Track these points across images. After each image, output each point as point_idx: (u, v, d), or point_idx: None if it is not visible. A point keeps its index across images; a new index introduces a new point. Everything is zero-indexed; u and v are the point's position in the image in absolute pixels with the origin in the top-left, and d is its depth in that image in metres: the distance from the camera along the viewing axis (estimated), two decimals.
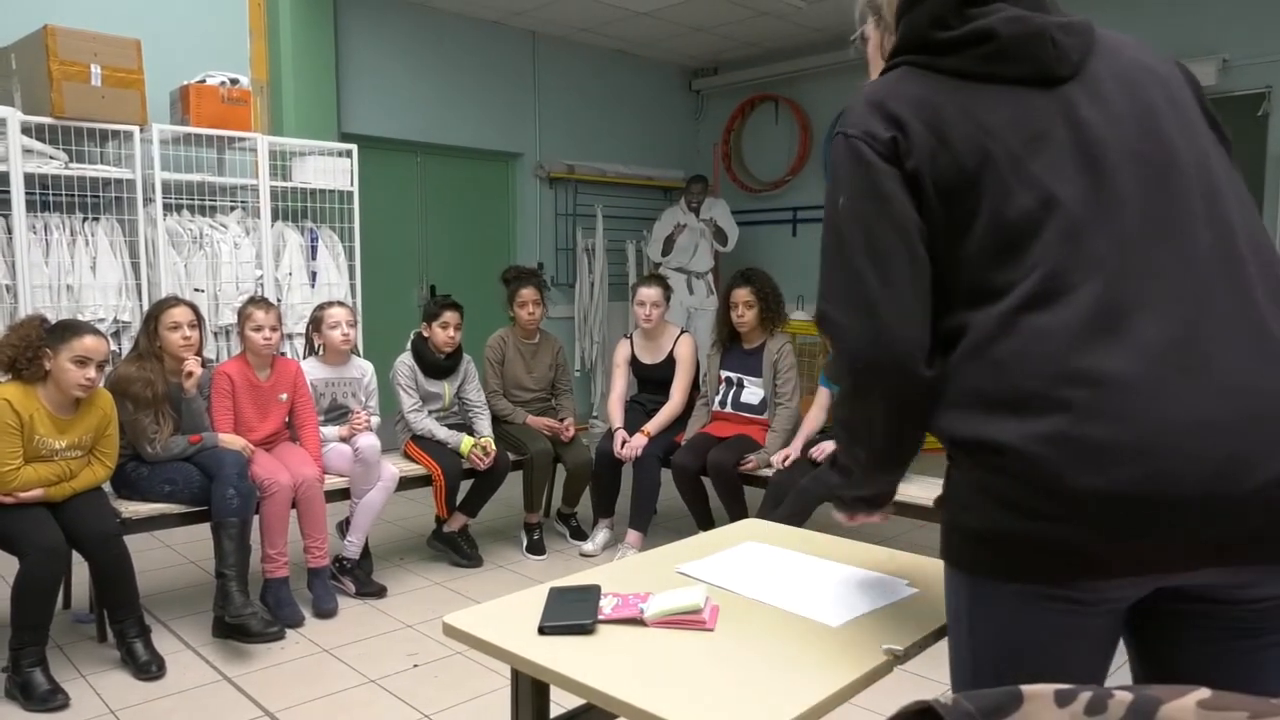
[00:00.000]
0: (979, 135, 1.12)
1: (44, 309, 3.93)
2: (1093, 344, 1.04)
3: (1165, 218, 1.09)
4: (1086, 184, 1.10)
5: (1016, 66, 1.14)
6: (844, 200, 1.20)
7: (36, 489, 2.77)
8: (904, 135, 1.15)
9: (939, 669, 2.90)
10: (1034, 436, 1.04)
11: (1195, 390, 1.02)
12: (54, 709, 2.62)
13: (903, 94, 1.17)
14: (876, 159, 1.16)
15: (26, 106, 4.13)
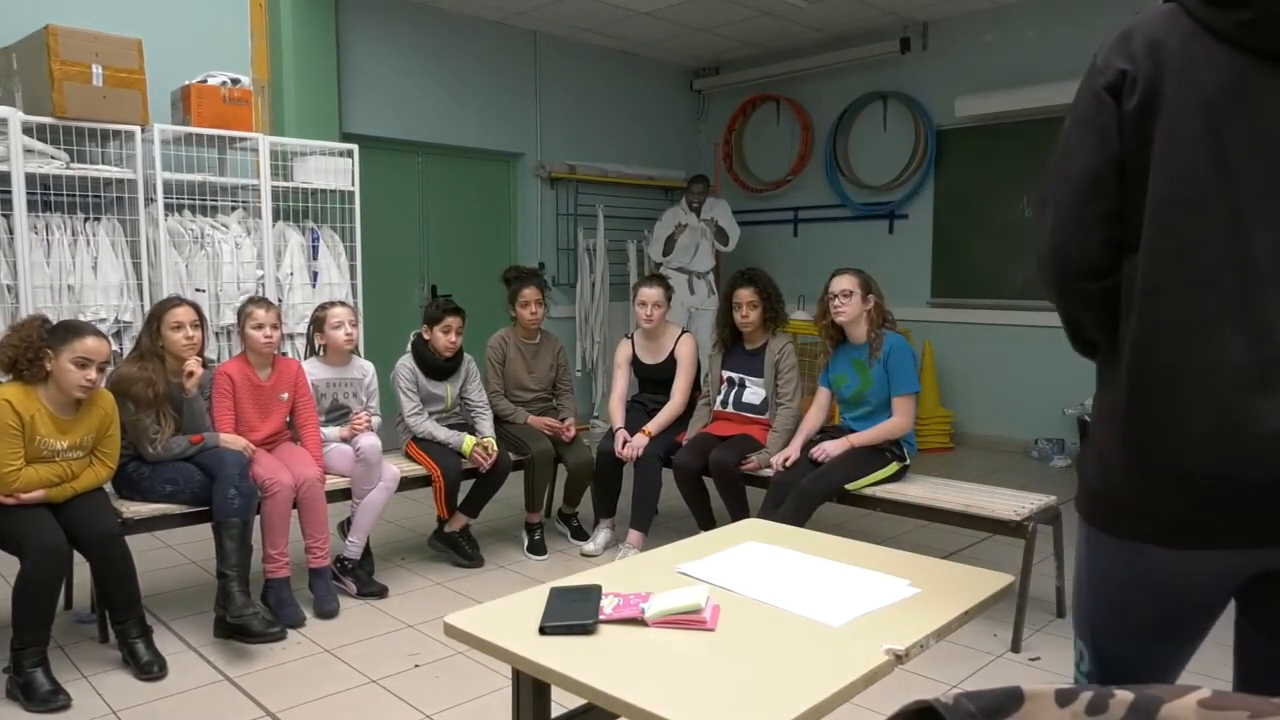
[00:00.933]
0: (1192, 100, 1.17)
1: (45, 309, 3.93)
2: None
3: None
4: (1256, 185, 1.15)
5: (1260, 40, 1.15)
6: (1067, 124, 1.30)
7: (38, 490, 2.77)
8: (1133, 72, 1.21)
9: (940, 668, 2.91)
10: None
11: None
12: (55, 709, 2.62)
13: (1153, 32, 1.22)
14: (1103, 91, 1.24)
15: (28, 106, 4.13)
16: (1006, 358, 6.47)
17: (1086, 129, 1.26)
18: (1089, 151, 1.24)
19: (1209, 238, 1.15)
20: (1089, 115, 1.26)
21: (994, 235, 6.45)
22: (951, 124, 6.55)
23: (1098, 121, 1.24)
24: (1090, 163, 1.24)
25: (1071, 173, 1.26)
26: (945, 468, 5.45)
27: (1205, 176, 1.16)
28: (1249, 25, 1.16)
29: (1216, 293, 1.14)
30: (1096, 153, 1.24)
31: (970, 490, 3.51)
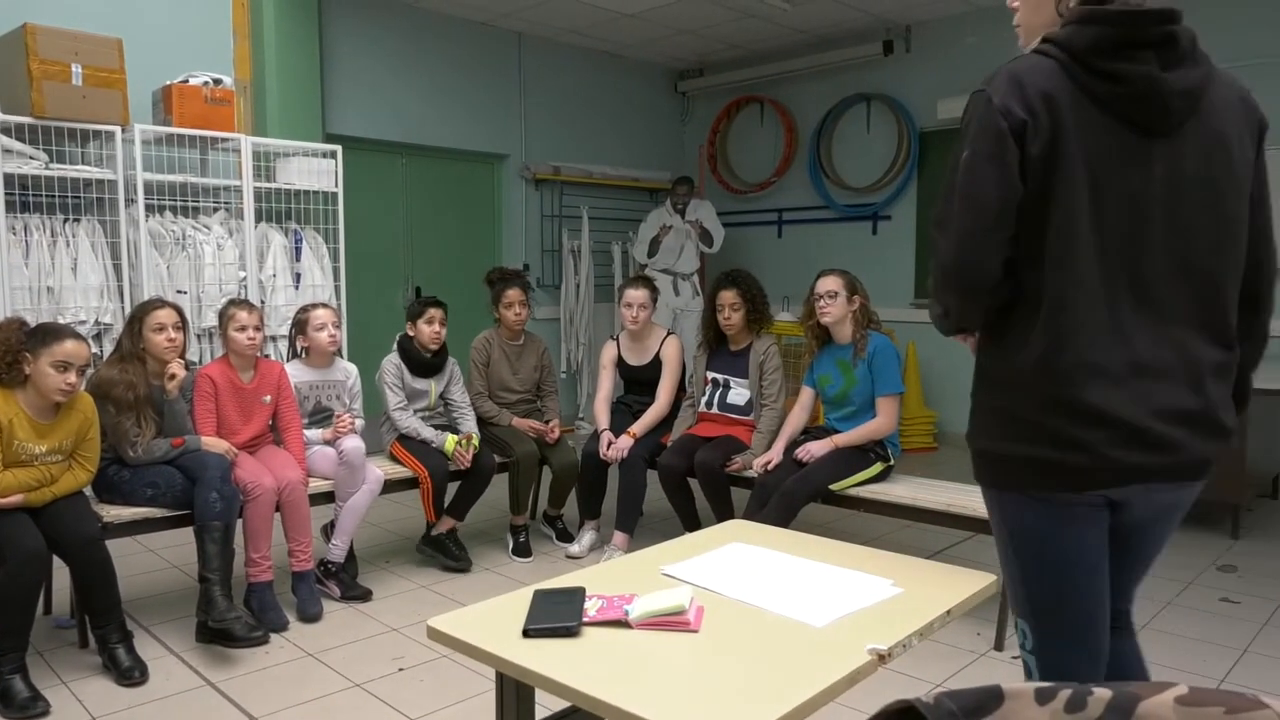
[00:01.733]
0: (1079, 151, 1.43)
1: (23, 311, 3.89)
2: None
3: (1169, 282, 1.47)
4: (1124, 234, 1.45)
5: (1133, 111, 1.43)
6: (969, 154, 1.47)
7: (16, 494, 2.74)
8: (1044, 122, 1.42)
9: (923, 667, 2.92)
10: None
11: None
12: (34, 716, 2.59)
13: (1042, 85, 1.43)
14: (1011, 135, 1.43)
15: (6, 106, 4.09)
16: None
17: (993, 163, 1.44)
18: (997, 184, 1.44)
19: (1092, 270, 1.44)
20: (995, 151, 1.44)
21: None
22: (934, 125, 6.59)
23: (1004, 159, 1.44)
24: (998, 194, 1.45)
25: (980, 202, 1.46)
26: (929, 468, 5.47)
27: (1090, 221, 1.44)
28: (1124, 99, 1.43)
29: (1099, 310, 1.45)
30: (1003, 186, 1.44)
31: (954, 490, 3.53)
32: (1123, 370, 1.44)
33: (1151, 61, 1.42)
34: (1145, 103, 1.43)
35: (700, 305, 6.86)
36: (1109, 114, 1.43)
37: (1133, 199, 1.45)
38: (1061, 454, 1.45)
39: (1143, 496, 1.50)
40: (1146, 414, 1.44)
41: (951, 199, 1.49)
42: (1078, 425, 1.44)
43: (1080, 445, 1.44)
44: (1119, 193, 1.44)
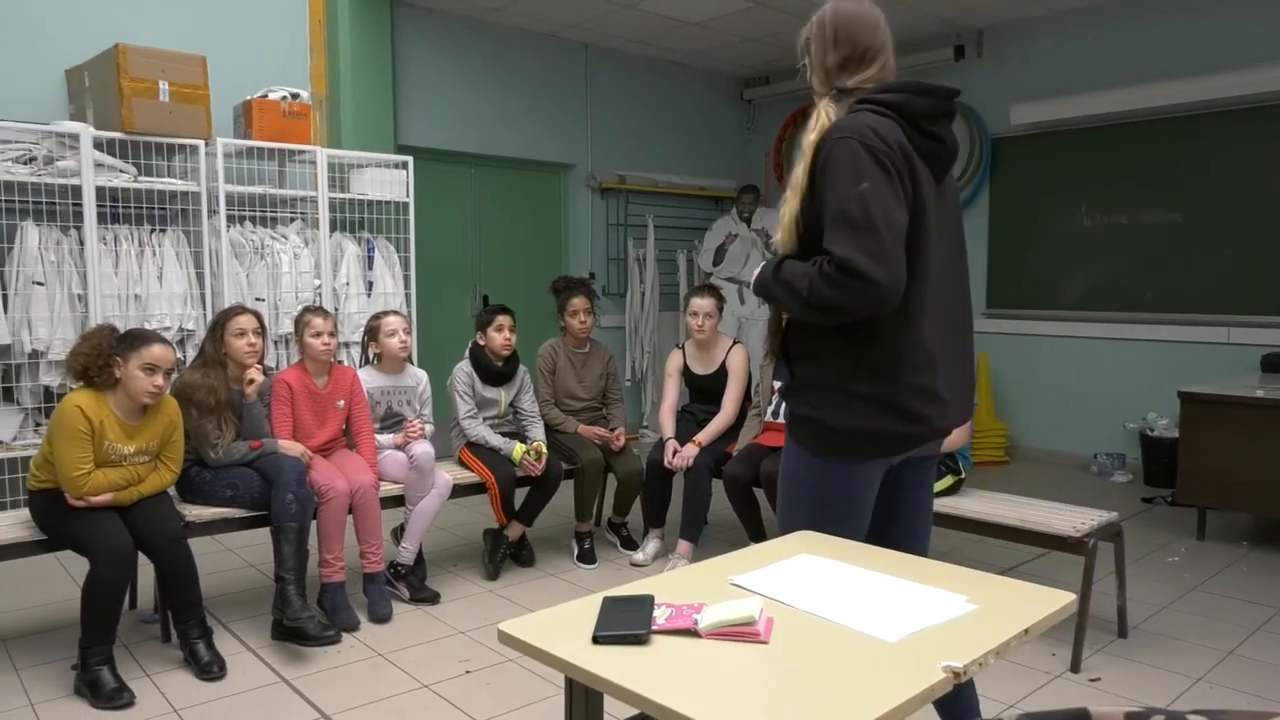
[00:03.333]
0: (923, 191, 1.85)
1: (113, 318, 4.06)
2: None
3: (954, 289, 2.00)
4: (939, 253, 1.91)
5: (939, 165, 1.91)
6: (868, 187, 1.76)
7: (106, 493, 2.85)
8: (904, 165, 1.81)
9: (996, 687, 2.85)
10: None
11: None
12: (120, 707, 2.70)
13: (895, 137, 1.82)
14: (894, 171, 1.79)
15: (98, 122, 4.27)
16: (1064, 370, 6.34)
17: (893, 195, 1.78)
18: (901, 211, 1.80)
19: (932, 282, 1.88)
20: (890, 184, 1.78)
21: (1051, 244, 6.34)
22: (1007, 131, 6.45)
23: (898, 191, 1.79)
24: (902, 219, 1.79)
25: (896, 228, 1.78)
26: (1000, 482, 5.35)
27: (929, 246, 1.86)
28: (938, 154, 1.88)
29: (939, 319, 1.90)
30: (904, 213, 1.80)
31: (1027, 505, 3.44)
32: (943, 357, 1.91)
33: (948, 127, 1.91)
34: (945, 157, 1.91)
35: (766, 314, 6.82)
36: (925, 164, 1.86)
37: (937, 228, 1.88)
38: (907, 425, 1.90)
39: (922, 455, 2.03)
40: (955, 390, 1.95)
41: (865, 230, 1.75)
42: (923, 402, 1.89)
43: (920, 417, 1.89)
44: (933, 223, 1.87)
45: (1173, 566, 4.09)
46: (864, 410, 1.88)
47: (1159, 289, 5.86)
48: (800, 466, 2.01)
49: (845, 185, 1.77)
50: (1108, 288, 6.09)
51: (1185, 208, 5.73)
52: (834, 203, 1.79)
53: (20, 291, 4.08)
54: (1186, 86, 5.52)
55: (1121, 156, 5.96)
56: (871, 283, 1.73)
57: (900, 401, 1.87)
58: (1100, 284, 6.12)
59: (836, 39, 1.97)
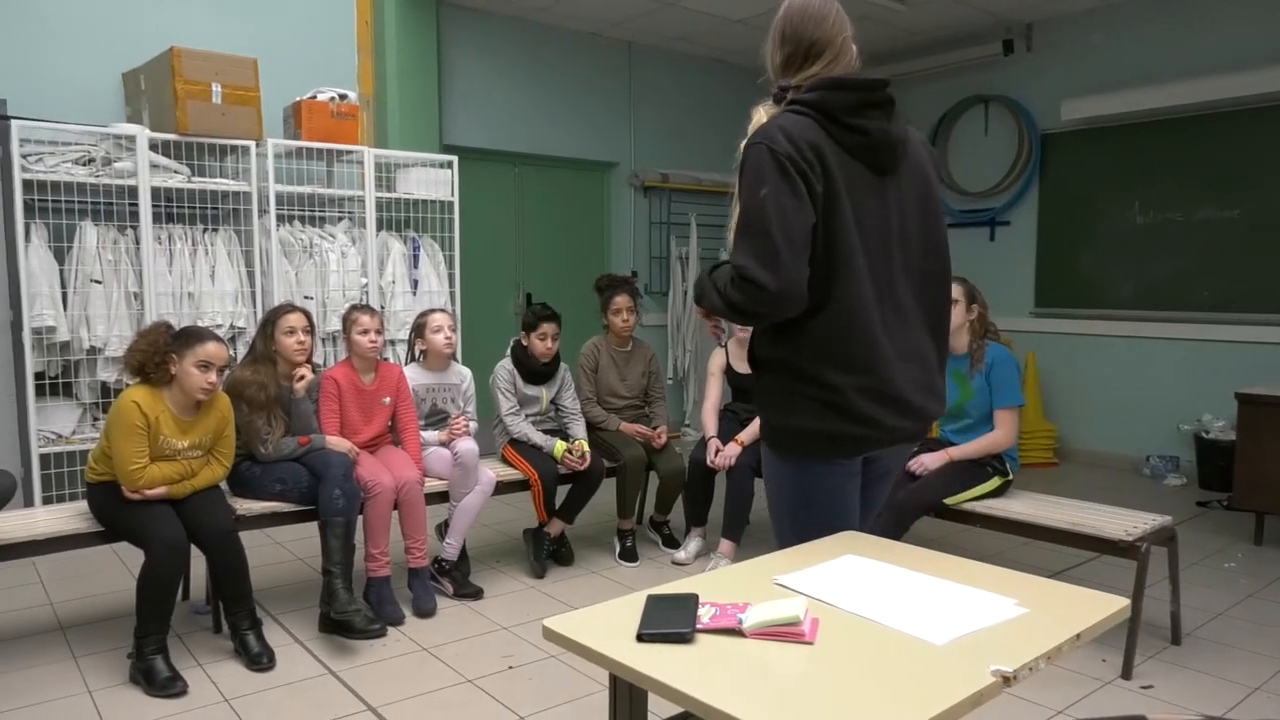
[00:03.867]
0: (844, 190, 1.82)
1: (167, 315, 4.16)
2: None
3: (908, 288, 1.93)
4: (880, 252, 1.87)
5: (874, 157, 1.87)
6: (768, 192, 1.76)
7: (161, 486, 2.92)
8: (817, 167, 1.79)
9: (1045, 693, 2.80)
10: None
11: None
12: (174, 695, 2.76)
13: (813, 139, 1.80)
14: (795, 172, 1.77)
15: (154, 124, 4.38)
16: (1115, 370, 6.21)
17: (794, 199, 1.77)
18: (802, 215, 1.77)
19: (868, 292, 1.85)
20: (792, 189, 1.76)
21: (1102, 242, 6.21)
22: (1057, 127, 6.34)
23: (800, 196, 1.77)
24: (802, 223, 1.77)
25: (792, 232, 1.76)
26: (1049, 484, 5.26)
27: (854, 243, 1.83)
28: (865, 146, 1.85)
29: (871, 311, 1.85)
30: (807, 215, 1.78)
31: (1077, 508, 3.38)
32: (890, 357, 1.87)
33: (881, 118, 1.86)
34: (879, 149, 1.86)
35: None
36: (855, 158, 1.84)
37: (879, 222, 1.86)
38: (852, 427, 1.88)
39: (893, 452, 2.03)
40: (909, 390, 1.90)
41: (759, 236, 1.76)
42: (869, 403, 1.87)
43: (868, 419, 1.87)
44: (871, 218, 1.85)
45: (1228, 572, 3.99)
46: (812, 411, 1.89)
47: (1215, 288, 5.72)
48: (775, 472, 2.03)
49: (749, 193, 1.80)
50: (1161, 286, 5.95)
51: (1242, 204, 5.58)
52: (741, 210, 1.82)
53: (79, 290, 4.19)
54: (1243, 79, 5.37)
55: (1176, 152, 5.83)
56: (763, 288, 1.75)
57: (843, 402, 1.86)
58: (1154, 282, 5.99)
59: (783, 37, 1.96)
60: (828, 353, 1.86)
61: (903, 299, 1.91)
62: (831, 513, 1.97)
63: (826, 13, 1.95)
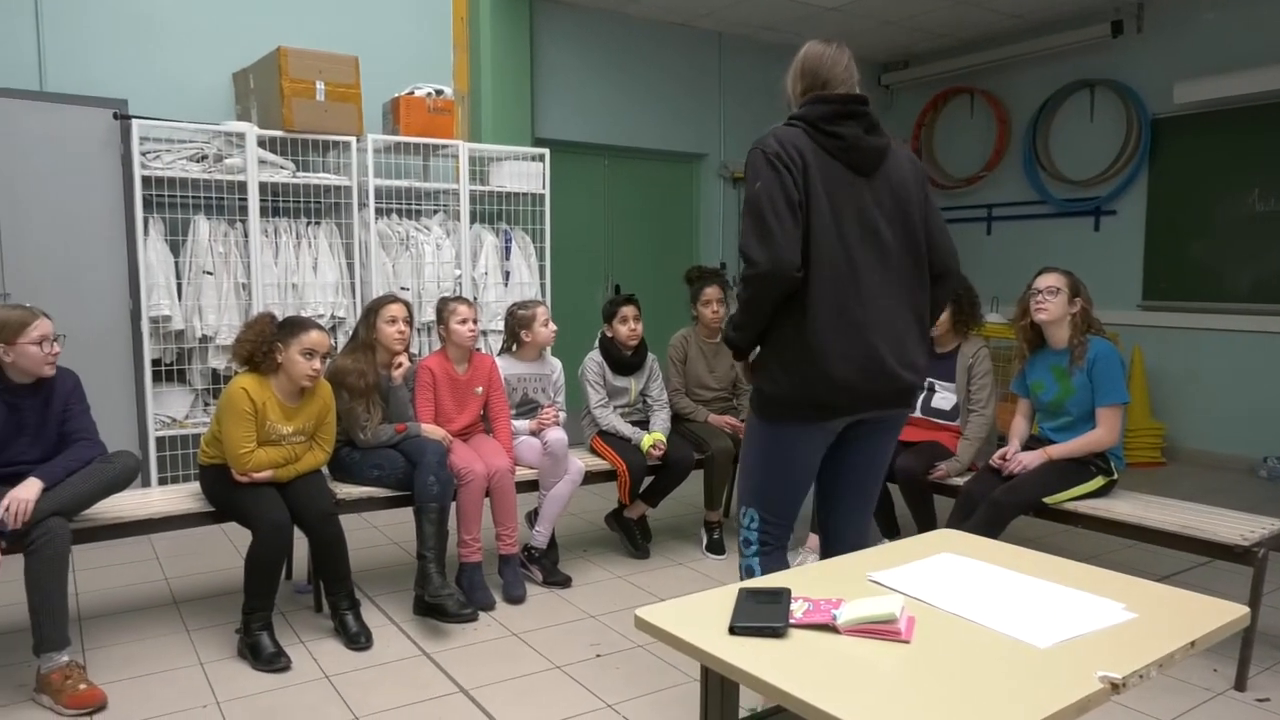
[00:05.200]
0: (820, 182, 2.18)
1: (273, 306, 4.33)
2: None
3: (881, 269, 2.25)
4: (856, 237, 2.21)
5: (852, 159, 2.22)
6: (760, 186, 2.16)
7: (267, 470, 3.05)
8: (799, 162, 2.17)
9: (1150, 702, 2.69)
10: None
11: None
12: (278, 670, 2.88)
13: (797, 143, 2.20)
14: (781, 166, 2.15)
15: (261, 121, 4.55)
16: (1229, 365, 5.90)
17: (780, 188, 2.13)
18: (787, 196, 2.13)
19: (840, 267, 2.18)
20: (780, 181, 2.13)
21: (1216, 231, 5.90)
22: (1169, 112, 6.05)
23: (786, 184, 2.13)
24: (788, 201, 2.13)
25: (780, 211, 2.12)
26: (1155, 484, 5.04)
27: (832, 235, 2.18)
28: (842, 149, 2.21)
29: (847, 293, 2.18)
30: (791, 194, 2.13)
31: (1187, 509, 3.23)
32: (853, 332, 2.18)
33: (856, 127, 2.22)
34: (855, 152, 2.21)
35: None
36: (834, 159, 2.20)
37: (858, 215, 2.20)
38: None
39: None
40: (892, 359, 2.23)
41: (756, 219, 2.14)
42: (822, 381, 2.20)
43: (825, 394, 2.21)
44: (849, 211, 2.19)
45: None
46: (787, 383, 2.24)
47: None
48: (752, 430, 2.41)
49: (749, 187, 2.20)
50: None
51: None
52: (745, 201, 2.22)
53: (192, 281, 4.40)
54: None
55: None
56: (754, 262, 2.13)
57: (806, 375, 2.20)
58: (1273, 274, 5.66)
59: (802, 71, 2.34)
60: (795, 334, 2.19)
61: (873, 281, 2.21)
62: (795, 468, 2.34)
63: (839, 59, 2.32)
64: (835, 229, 2.17)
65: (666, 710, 2.66)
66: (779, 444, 2.33)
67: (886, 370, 2.23)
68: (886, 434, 2.42)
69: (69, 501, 2.78)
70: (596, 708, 2.68)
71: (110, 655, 3.01)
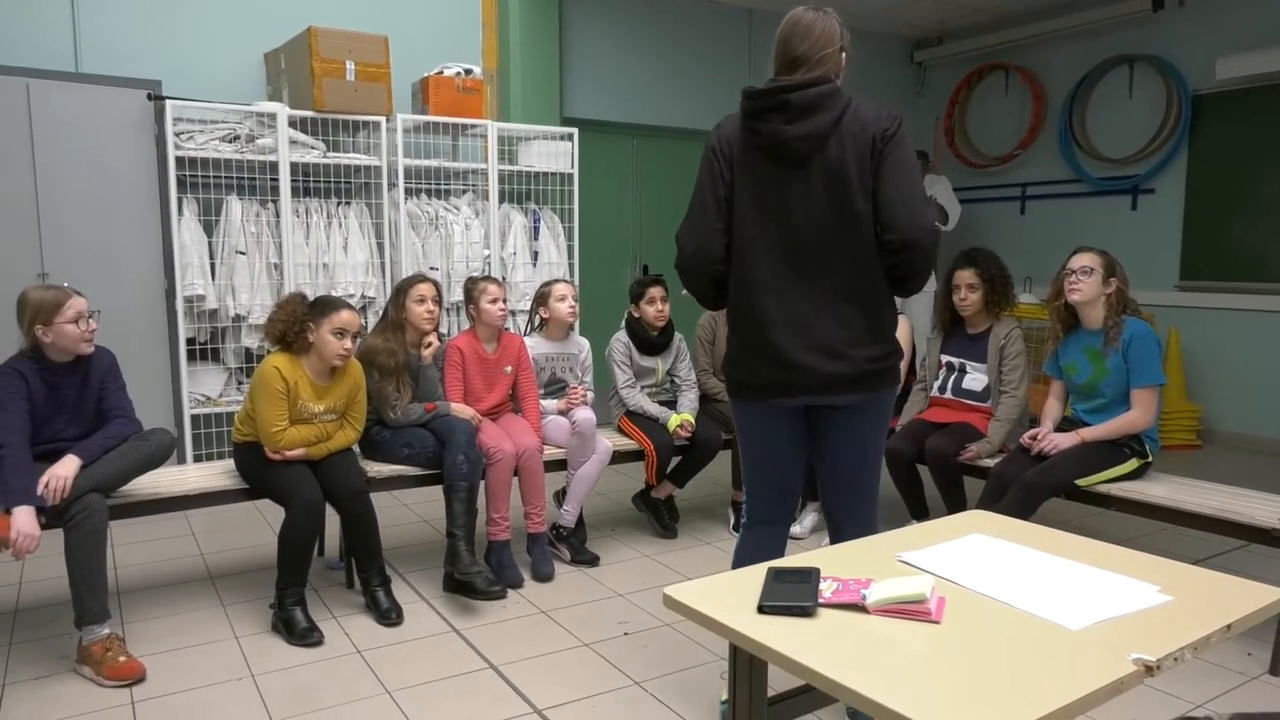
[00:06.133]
0: (745, 176, 2.22)
1: (304, 285, 4.36)
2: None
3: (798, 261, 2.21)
4: (773, 231, 2.21)
5: (776, 152, 2.19)
6: (699, 175, 2.28)
7: (299, 448, 3.08)
8: (729, 155, 2.24)
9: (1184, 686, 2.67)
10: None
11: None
12: (311, 644, 2.93)
13: (731, 135, 2.26)
14: (714, 158, 2.25)
15: (292, 101, 4.58)
16: (1267, 347, 5.78)
17: (710, 177, 2.25)
18: (713, 187, 2.24)
19: (759, 254, 2.22)
20: (711, 170, 2.25)
21: (1257, 211, 5.77)
22: (1211, 88, 5.91)
23: (715, 174, 2.24)
24: (714, 193, 2.24)
25: (704, 201, 2.25)
26: (1191, 467, 4.96)
27: (754, 222, 2.22)
28: (763, 145, 2.19)
29: (752, 288, 2.24)
30: (718, 187, 2.24)
31: (1223, 492, 3.18)
32: (777, 319, 2.21)
33: (776, 121, 2.15)
34: (775, 146, 2.17)
35: (932, 286, 6.56)
36: (761, 153, 2.20)
37: (777, 209, 2.18)
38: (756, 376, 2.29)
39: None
40: (799, 349, 2.20)
41: (689, 210, 2.28)
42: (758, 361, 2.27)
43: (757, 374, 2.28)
44: (768, 205, 2.19)
45: None
46: (732, 363, 2.36)
47: None
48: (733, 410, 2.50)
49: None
50: None
51: None
52: None
53: (225, 260, 4.45)
54: None
55: None
56: (680, 251, 2.31)
57: (744, 358, 2.31)
58: None
59: (773, 53, 2.29)
60: (733, 312, 2.33)
61: (784, 275, 2.20)
62: (761, 442, 2.40)
63: (809, 34, 2.25)
64: (751, 223, 2.21)
65: (693, 688, 2.67)
66: (740, 421, 2.43)
67: (795, 363, 2.20)
68: (859, 420, 2.31)
69: (106, 478, 2.83)
70: (624, 684, 2.70)
71: (149, 629, 3.07)
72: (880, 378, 2.26)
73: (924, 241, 2.12)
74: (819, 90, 2.15)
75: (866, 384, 2.24)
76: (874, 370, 2.24)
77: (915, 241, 2.11)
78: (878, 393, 2.28)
